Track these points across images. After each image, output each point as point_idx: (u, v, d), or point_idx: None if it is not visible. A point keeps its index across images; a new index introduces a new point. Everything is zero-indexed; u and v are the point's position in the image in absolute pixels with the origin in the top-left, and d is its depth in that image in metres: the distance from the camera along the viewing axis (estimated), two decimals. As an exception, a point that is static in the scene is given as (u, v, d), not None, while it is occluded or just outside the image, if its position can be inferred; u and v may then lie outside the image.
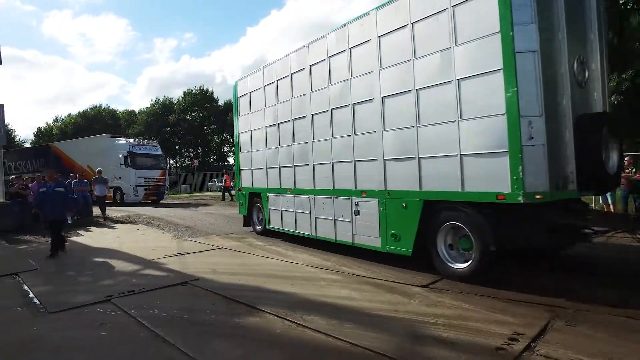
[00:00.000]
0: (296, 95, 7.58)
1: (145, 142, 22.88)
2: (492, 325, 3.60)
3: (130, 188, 20.30)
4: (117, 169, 20.58)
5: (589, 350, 3.07)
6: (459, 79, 4.78)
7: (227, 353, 3.20)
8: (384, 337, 3.39)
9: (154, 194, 21.41)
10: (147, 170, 21.04)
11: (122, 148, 20.80)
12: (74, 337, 3.61)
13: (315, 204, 7.18)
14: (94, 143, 23.06)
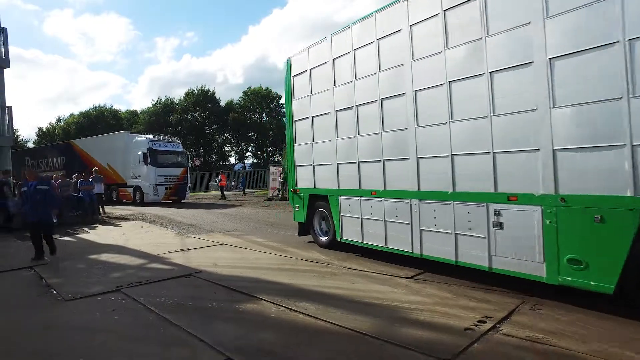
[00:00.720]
0: (387, 66, 5.74)
1: (166, 138, 21.51)
2: (466, 310, 4.01)
3: (150, 187, 19.29)
4: (136, 167, 19.79)
5: (546, 329, 3.48)
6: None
7: (226, 333, 3.61)
8: (367, 320, 3.80)
9: (175, 193, 20.44)
10: (168, 168, 20.00)
11: (142, 145, 19.82)
12: (91, 320, 4.04)
13: (420, 212, 5.36)
14: (112, 140, 22.14)
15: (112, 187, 21.12)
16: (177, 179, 20.38)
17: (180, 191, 20.70)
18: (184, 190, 21.09)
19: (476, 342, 3.28)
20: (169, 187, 20.00)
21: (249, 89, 52.64)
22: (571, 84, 3.85)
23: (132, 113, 54.37)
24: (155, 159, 19.43)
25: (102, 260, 6.99)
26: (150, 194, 19.31)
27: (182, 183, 20.82)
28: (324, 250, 7.21)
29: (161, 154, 19.91)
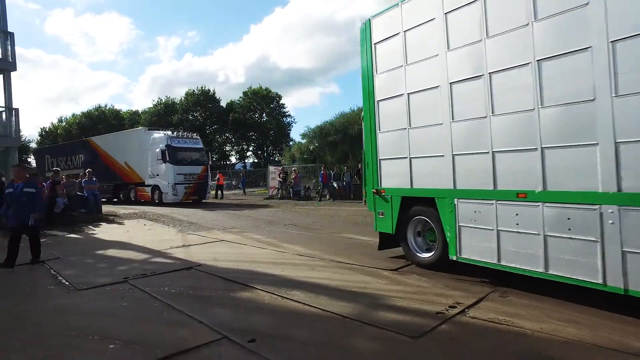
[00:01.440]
0: (545, 14, 4.10)
1: (185, 134, 20.30)
2: (440, 297, 4.44)
3: (169, 186, 18.19)
4: (154, 165, 18.80)
5: (508, 312, 3.91)
6: None
7: (223, 316, 4.04)
8: (350, 305, 4.23)
9: (195, 192, 19.33)
10: (188, 166, 18.90)
11: (159, 142, 18.77)
12: (102, 306, 4.47)
13: (621, 223, 3.60)
14: (129, 137, 21.44)
15: (130, 187, 20.66)
16: (197, 178, 19.27)
17: (200, 190, 19.57)
18: (205, 189, 20.01)
19: (444, 323, 3.71)
20: (189, 187, 18.83)
21: (249, 89, 53.09)
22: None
23: (133, 113, 54.83)
24: (174, 156, 18.33)
25: (109, 255, 7.43)
26: (169, 193, 18.23)
27: (203, 182, 19.70)
28: (313, 245, 7.64)
29: (180, 151, 18.83)
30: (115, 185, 21.34)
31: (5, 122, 14.27)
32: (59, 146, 28.16)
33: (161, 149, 18.48)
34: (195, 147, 19.97)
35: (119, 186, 21.33)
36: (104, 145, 22.41)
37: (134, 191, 20.47)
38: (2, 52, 13.91)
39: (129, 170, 20.41)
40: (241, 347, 3.27)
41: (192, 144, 19.89)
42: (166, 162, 18.27)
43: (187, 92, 51.29)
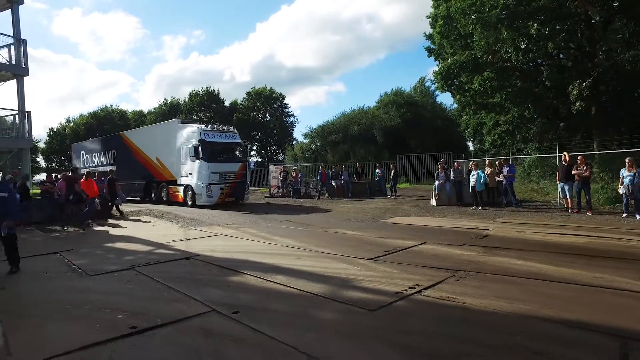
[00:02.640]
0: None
1: (221, 127, 17.79)
2: (404, 280, 5.09)
3: (203, 187, 16.04)
4: (187, 163, 16.75)
5: (457, 292, 4.56)
6: None
7: (214, 294, 4.73)
8: (324, 286, 4.91)
9: (233, 193, 16.95)
10: (224, 164, 16.67)
11: (192, 136, 16.53)
12: (111, 287, 5.19)
13: None
14: (160, 131, 19.57)
15: (161, 185, 18.80)
16: (234, 177, 16.92)
17: (238, 191, 17.22)
18: (243, 189, 17.52)
19: (400, 300, 4.38)
20: (225, 187, 16.56)
21: (253, 89, 53.81)
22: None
23: (138, 113, 55.77)
24: (208, 152, 16.05)
25: (116, 248, 8.17)
26: (203, 194, 16.06)
27: (241, 181, 17.28)
28: (303, 238, 8.32)
29: (215, 146, 16.54)
30: (147, 183, 19.70)
31: (18, 124, 15.09)
32: (94, 141, 25.81)
33: (194, 144, 16.20)
34: (232, 141, 17.47)
35: (150, 184, 19.59)
36: (135, 140, 20.59)
37: (165, 190, 18.42)
38: (16, 59, 14.74)
39: (161, 167, 18.48)
40: (226, 317, 3.96)
41: (229, 138, 17.35)
42: (199, 158, 16.04)
43: (191, 93, 52.17)
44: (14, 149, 15.38)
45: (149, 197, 19.65)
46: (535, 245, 7.17)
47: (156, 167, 18.64)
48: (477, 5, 13.29)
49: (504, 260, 6.05)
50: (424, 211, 13.57)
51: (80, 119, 53.63)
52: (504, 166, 14.50)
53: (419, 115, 41.09)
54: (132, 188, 19.96)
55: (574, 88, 13.89)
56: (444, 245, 7.33)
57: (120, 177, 19.56)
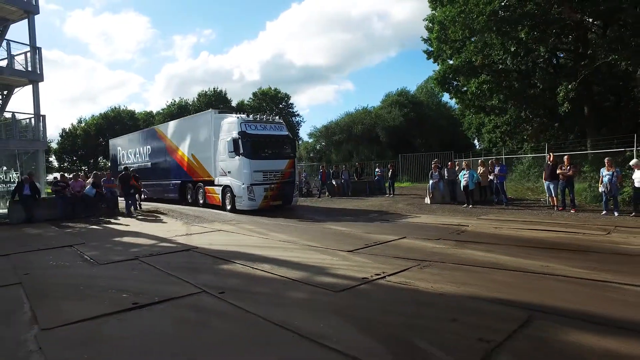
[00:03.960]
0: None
1: (264, 117, 15.10)
2: (373, 269, 5.77)
3: (244, 188, 13.63)
4: (225, 159, 14.40)
5: (416, 278, 5.23)
6: None
7: (206, 279, 5.46)
8: (301, 273, 5.62)
9: (279, 195, 14.40)
10: (268, 161, 14.15)
11: (231, 128, 14.21)
12: (119, 274, 5.97)
13: None
14: (196, 123, 17.00)
15: (198, 185, 16.47)
16: (281, 176, 14.38)
17: (285, 193, 14.64)
18: (291, 191, 14.92)
19: (364, 284, 5.06)
20: (270, 188, 14.06)
21: (259, 90, 54.70)
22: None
23: (148, 114, 56.96)
24: (250, 147, 13.66)
25: (124, 242, 8.97)
26: (244, 197, 13.72)
27: (288, 181, 14.68)
28: (302, 235, 9.04)
29: (259, 139, 14.01)
30: (182, 183, 17.50)
31: (34, 127, 16.04)
32: (129, 136, 23.84)
33: (233, 137, 13.77)
34: (278, 134, 14.82)
35: (185, 185, 17.41)
36: (169, 134, 18.48)
37: (202, 191, 16.20)
38: (32, 66, 15.67)
39: (197, 164, 16.28)
40: (213, 296, 4.69)
41: (274, 129, 14.78)
42: (239, 154, 13.65)
43: (199, 93, 53.23)
44: (30, 151, 16.34)
45: (185, 199, 17.37)
46: (505, 240, 7.80)
47: (191, 165, 16.46)
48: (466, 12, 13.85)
49: (469, 253, 6.71)
50: (416, 209, 14.19)
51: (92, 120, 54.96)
52: (495, 165, 15.09)
53: (423, 115, 41.56)
54: (167, 189, 18.51)
55: (561, 90, 14.39)
56: (421, 240, 7.99)
57: (154, 176, 19.11)
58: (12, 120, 16.31)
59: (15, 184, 14.78)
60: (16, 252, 7.78)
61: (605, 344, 3.22)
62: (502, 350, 3.12)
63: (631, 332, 3.43)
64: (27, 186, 13.22)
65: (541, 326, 3.59)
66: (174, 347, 3.42)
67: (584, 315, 3.79)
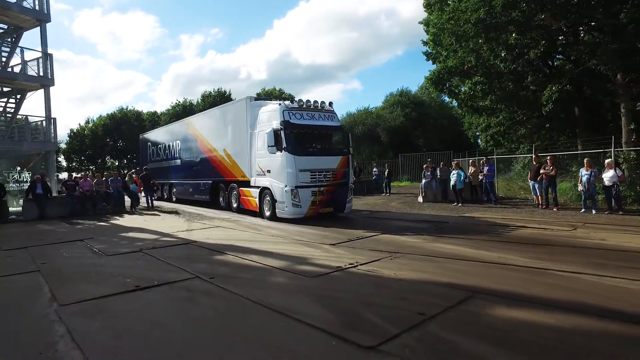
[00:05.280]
0: None
1: (312, 103, 12.16)
2: (348, 259, 6.48)
3: (287, 192, 11.14)
4: (263, 156, 11.94)
5: (384, 267, 5.94)
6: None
7: (200, 267, 6.22)
8: (284, 262, 6.36)
9: (329, 201, 11.71)
10: (317, 157, 11.65)
11: (271, 117, 11.78)
12: (124, 263, 6.75)
13: None
14: (227, 114, 14.61)
15: (231, 186, 14.30)
16: (332, 176, 11.76)
17: (337, 197, 11.89)
18: (345, 195, 12.10)
19: (337, 271, 5.79)
20: (320, 191, 11.49)
21: (263, 90, 55.49)
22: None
23: (153, 114, 58.03)
24: (295, 140, 11.22)
25: (129, 236, 9.77)
26: (287, 203, 11.20)
27: (341, 183, 11.98)
28: (286, 228, 9.78)
29: (305, 131, 11.55)
30: (214, 183, 15.47)
31: (45, 129, 16.94)
32: (159, 130, 22.16)
33: (273, 128, 11.32)
34: (329, 124, 12.15)
35: (217, 185, 15.34)
36: (200, 127, 16.47)
37: (236, 194, 13.97)
38: (43, 71, 16.56)
39: (229, 162, 14.06)
40: (205, 281, 5.45)
41: (324, 119, 12.13)
42: (282, 149, 11.17)
43: (203, 94, 54.14)
44: (42, 152, 17.25)
45: (216, 202, 15.38)
46: (478, 235, 8.48)
47: (224, 163, 14.36)
48: (455, 19, 14.48)
49: (439, 246, 7.41)
50: (407, 207, 14.87)
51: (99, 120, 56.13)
52: (484, 165, 15.73)
53: (424, 115, 42.11)
54: (197, 189, 16.71)
55: (546, 92, 14.98)
56: (400, 235, 8.70)
57: (184, 175, 17.83)
58: (25, 123, 17.23)
59: (28, 184, 15.71)
60: (33, 246, 8.61)
61: (523, 316, 3.91)
62: (433, 320, 3.83)
63: (549, 308, 4.10)
64: (40, 185, 14.12)
65: (474, 303, 4.30)
66: (167, 318, 4.18)
67: (515, 295, 4.49)
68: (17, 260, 7.26)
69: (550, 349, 3.25)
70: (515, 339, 3.43)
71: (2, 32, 17.43)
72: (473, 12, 13.53)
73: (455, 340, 3.41)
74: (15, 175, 17.86)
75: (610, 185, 11.52)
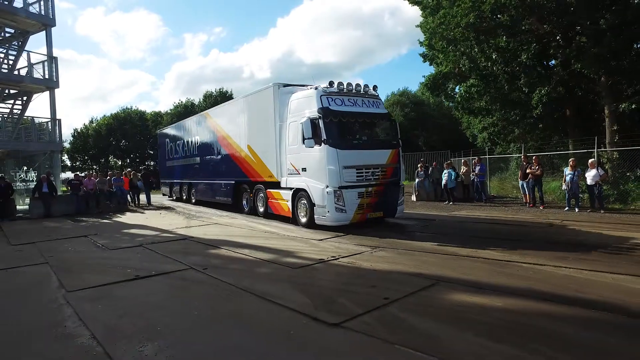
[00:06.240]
0: None
1: (354, 86, 10.30)
2: (332, 253, 7.00)
3: (329, 194, 9.17)
4: (297, 151, 10.15)
5: (363, 259, 6.46)
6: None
7: (194, 260, 6.75)
8: (272, 255, 6.89)
9: (379, 204, 9.76)
10: (363, 151, 9.75)
11: (307, 104, 9.92)
12: (125, 256, 7.30)
13: None
14: (251, 105, 12.54)
15: (256, 188, 12.44)
16: (381, 174, 9.84)
17: (387, 199, 9.92)
18: (396, 195, 10.15)
19: (318, 263, 6.31)
20: (367, 193, 9.57)
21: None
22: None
23: (156, 114, 58.70)
24: (337, 130, 9.44)
25: (131, 232, 10.34)
26: (329, 207, 9.21)
27: (392, 182, 10.06)
28: (285, 227, 10.31)
29: (349, 119, 9.76)
30: (236, 184, 13.73)
31: (50, 130, 17.55)
32: (178, 126, 20.05)
33: (311, 117, 9.49)
34: (375, 112, 10.35)
35: (240, 186, 13.60)
36: (220, 120, 14.74)
37: (262, 196, 12.10)
38: (49, 74, 17.17)
39: (254, 160, 12.27)
40: (198, 271, 5.99)
41: (369, 106, 10.29)
42: (322, 142, 9.30)
43: (205, 94, 54.72)
44: (47, 152, 17.86)
45: (239, 204, 13.75)
46: (459, 231, 8.98)
47: (247, 161, 12.61)
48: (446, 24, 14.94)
49: (419, 242, 7.91)
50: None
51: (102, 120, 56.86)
52: (476, 165, 16.20)
53: (424, 114, 42.53)
54: (218, 191, 15.02)
55: (536, 95, 15.44)
56: (387, 231, 9.20)
57: (203, 174, 16.06)
58: (31, 124, 17.84)
59: (34, 183, 16.33)
60: (40, 241, 9.18)
61: (475, 300, 4.42)
62: (395, 304, 4.34)
63: (502, 293, 4.61)
64: (45, 184, 14.72)
65: (436, 290, 4.81)
66: (162, 301, 4.72)
67: (475, 283, 5.00)
68: (26, 254, 7.83)
69: (493, 326, 3.75)
70: (463, 318, 3.94)
71: (9, 36, 18.04)
72: (463, 17, 13.99)
73: (409, 319, 3.92)
74: (22, 175, 18.50)
75: (593, 185, 11.97)
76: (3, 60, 17.39)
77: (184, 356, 3.29)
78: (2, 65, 17.18)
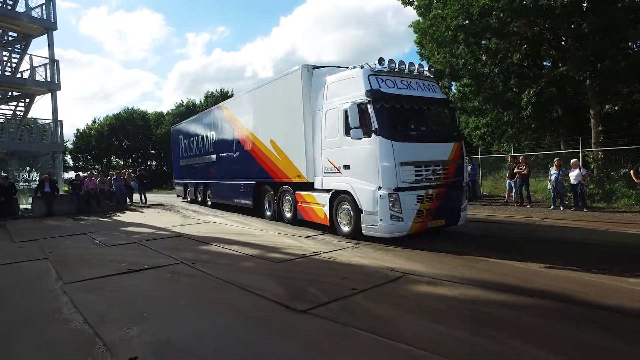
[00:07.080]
0: None
1: (404, 66, 8.28)
2: (314, 248, 7.41)
3: (381, 196, 7.41)
4: (335, 144, 8.56)
5: (342, 254, 6.87)
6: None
7: (185, 255, 7.18)
8: (259, 251, 7.31)
9: (441, 208, 7.89)
10: (422, 144, 8.05)
11: (350, 86, 8.15)
12: (120, 252, 7.75)
13: None
14: (274, 93, 10.87)
15: (282, 189, 10.83)
16: (443, 173, 8.05)
17: (450, 203, 8.15)
18: (459, 199, 8.40)
19: (300, 258, 6.73)
20: (428, 196, 7.77)
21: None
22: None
23: (158, 114, 59.29)
24: (391, 118, 7.81)
25: (128, 230, 10.79)
26: (382, 214, 7.48)
27: (455, 182, 8.28)
28: (278, 225, 10.73)
29: (402, 105, 7.90)
30: (257, 185, 12.13)
31: (52, 131, 18.04)
32: (192, 121, 18.42)
33: (357, 102, 7.70)
34: (431, 96, 8.52)
35: (262, 187, 12.05)
36: (238, 113, 13.01)
37: (290, 199, 10.52)
38: (50, 76, 17.64)
39: (278, 156, 10.63)
40: (188, 265, 6.42)
41: (424, 89, 8.47)
42: (371, 132, 7.58)
43: (206, 94, 55.28)
44: (49, 152, 18.36)
45: (261, 208, 12.23)
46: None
47: (271, 158, 10.94)
48: (436, 25, 15.32)
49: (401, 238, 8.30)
50: (391, 205, 15.70)
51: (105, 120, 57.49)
52: (467, 165, 16.57)
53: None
54: (236, 192, 13.43)
55: (525, 96, 15.81)
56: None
57: (220, 173, 14.55)
58: (34, 125, 18.33)
59: (36, 183, 16.82)
60: (42, 238, 9.65)
61: (436, 290, 4.83)
62: (361, 293, 4.76)
63: (461, 285, 5.01)
64: (47, 184, 15.21)
65: (402, 282, 5.22)
66: (151, 291, 5.15)
67: (441, 276, 5.40)
68: (28, 250, 8.29)
69: (452, 314, 4.13)
70: (423, 306, 4.35)
71: (12, 40, 18.53)
72: (453, 19, 14.36)
73: (370, 307, 4.34)
74: (25, 175, 19.02)
75: (576, 184, 12.34)
76: (6, 63, 17.87)
77: (165, 336, 3.72)
78: (5, 68, 17.66)
